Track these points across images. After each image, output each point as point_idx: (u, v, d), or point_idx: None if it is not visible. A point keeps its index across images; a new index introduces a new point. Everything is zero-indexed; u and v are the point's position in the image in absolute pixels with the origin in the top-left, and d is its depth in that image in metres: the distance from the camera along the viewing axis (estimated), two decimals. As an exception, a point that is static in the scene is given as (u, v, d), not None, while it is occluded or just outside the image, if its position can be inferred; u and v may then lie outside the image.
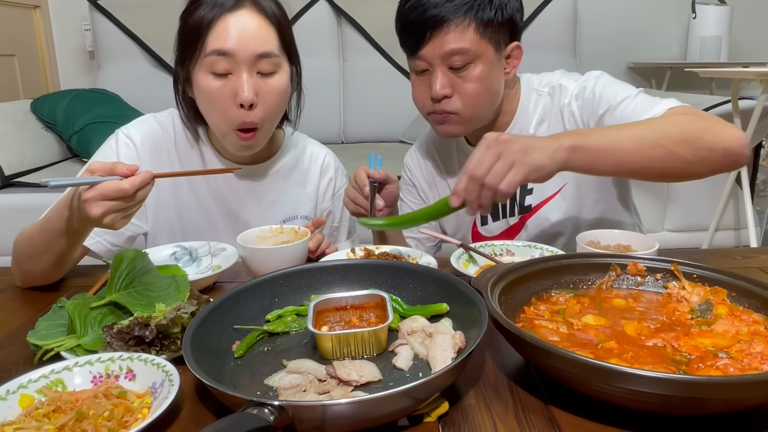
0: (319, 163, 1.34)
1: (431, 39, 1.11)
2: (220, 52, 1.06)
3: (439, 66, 1.13)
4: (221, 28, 1.06)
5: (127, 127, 1.23)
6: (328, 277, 0.89)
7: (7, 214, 2.40)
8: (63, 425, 0.61)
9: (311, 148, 1.35)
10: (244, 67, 1.07)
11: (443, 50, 1.11)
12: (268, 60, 1.08)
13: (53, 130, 2.93)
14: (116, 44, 3.27)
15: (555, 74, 1.27)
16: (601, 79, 1.18)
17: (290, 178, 1.31)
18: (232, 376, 0.71)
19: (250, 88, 1.07)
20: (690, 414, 0.61)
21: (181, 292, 0.86)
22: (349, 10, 3.30)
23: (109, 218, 0.85)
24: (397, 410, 0.61)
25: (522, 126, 1.25)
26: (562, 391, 0.66)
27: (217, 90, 1.08)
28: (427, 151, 1.39)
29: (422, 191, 1.40)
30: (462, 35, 1.10)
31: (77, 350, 0.77)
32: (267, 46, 1.08)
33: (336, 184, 1.36)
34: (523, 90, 1.26)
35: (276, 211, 1.28)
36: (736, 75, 2.44)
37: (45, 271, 1.03)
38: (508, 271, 0.82)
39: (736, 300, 0.80)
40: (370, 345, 0.73)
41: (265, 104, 1.10)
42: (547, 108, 1.24)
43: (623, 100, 1.12)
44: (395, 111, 3.27)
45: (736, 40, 3.62)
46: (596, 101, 1.16)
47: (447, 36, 1.10)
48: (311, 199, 1.33)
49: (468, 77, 1.13)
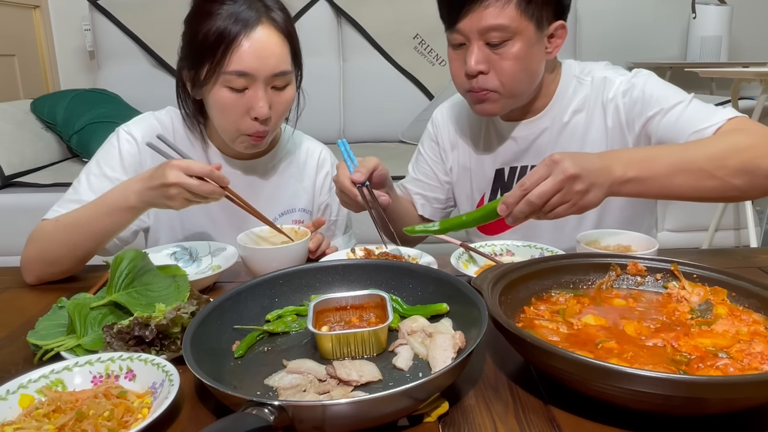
0: (316, 158, 1.37)
1: (469, 12, 1.07)
2: (241, 74, 1.08)
3: (476, 41, 1.09)
4: (243, 48, 1.08)
5: (128, 125, 1.25)
6: (328, 277, 0.89)
7: (7, 214, 2.40)
8: (63, 425, 0.61)
9: (307, 144, 1.38)
10: (261, 84, 1.10)
11: (481, 25, 1.07)
12: (282, 77, 1.12)
13: (53, 130, 2.93)
14: (116, 44, 3.27)
15: (599, 65, 1.25)
16: (651, 79, 1.16)
17: (287, 172, 1.33)
18: (232, 376, 0.71)
19: (266, 104, 1.11)
20: (690, 414, 0.61)
21: (181, 292, 0.86)
22: (349, 10, 3.30)
23: (175, 190, 0.96)
24: (397, 410, 0.61)
25: (557, 112, 1.22)
26: (562, 391, 0.66)
27: (233, 103, 1.11)
28: (457, 113, 1.37)
29: (443, 150, 1.38)
30: (502, 11, 1.06)
31: (77, 350, 0.77)
32: (283, 65, 1.12)
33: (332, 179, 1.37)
34: (564, 75, 1.23)
35: (274, 204, 1.30)
36: (736, 75, 2.45)
37: (77, 260, 1.08)
38: (508, 271, 0.82)
39: (736, 300, 0.80)
40: (370, 345, 0.73)
41: (276, 114, 1.15)
42: (587, 98, 1.21)
43: (675, 104, 1.09)
44: (395, 111, 3.28)
45: (736, 40, 3.62)
46: (646, 101, 1.13)
47: (486, 11, 1.06)
48: (308, 192, 1.35)
49: (505, 54, 1.09)
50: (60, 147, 2.98)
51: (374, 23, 3.31)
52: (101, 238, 1.08)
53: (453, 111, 1.38)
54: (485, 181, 1.32)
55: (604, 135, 1.19)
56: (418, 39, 3.30)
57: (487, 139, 1.31)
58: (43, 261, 1.07)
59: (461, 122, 1.36)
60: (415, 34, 3.30)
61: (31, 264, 1.08)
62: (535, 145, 1.25)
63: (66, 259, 1.08)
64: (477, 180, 1.34)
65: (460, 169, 1.36)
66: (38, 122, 2.92)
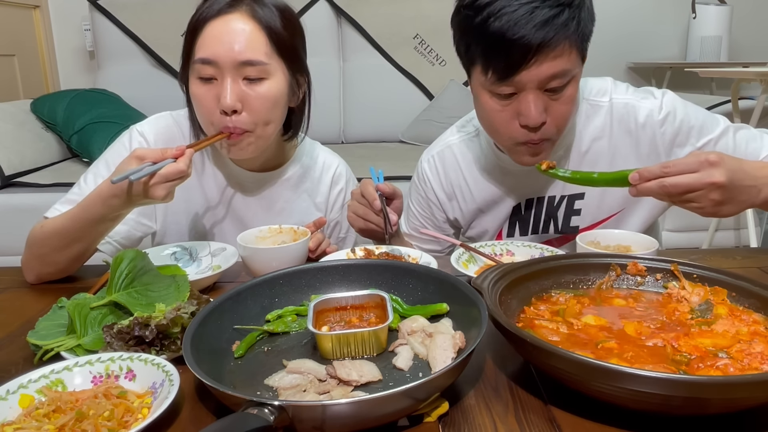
0: (331, 174, 1.33)
1: (534, 63, 0.95)
2: (204, 60, 1.06)
3: (533, 89, 0.98)
4: (206, 34, 1.07)
5: (142, 124, 1.23)
6: (328, 277, 0.89)
7: (7, 214, 2.40)
8: (63, 425, 0.61)
9: (324, 156, 1.34)
10: (228, 73, 1.06)
11: (546, 74, 0.97)
12: (253, 67, 1.07)
13: (53, 130, 2.93)
14: (116, 44, 3.27)
15: (606, 83, 1.19)
16: (683, 106, 1.14)
17: (301, 187, 1.30)
18: (232, 376, 0.71)
19: (230, 95, 1.06)
20: (690, 414, 0.61)
21: (181, 292, 0.86)
22: (349, 10, 3.30)
23: (171, 195, 0.97)
24: (397, 410, 0.61)
25: (571, 141, 1.17)
26: (562, 391, 0.66)
27: (203, 95, 1.09)
28: (450, 163, 1.27)
29: (435, 205, 1.30)
30: (568, 57, 0.97)
31: (77, 350, 0.77)
32: (251, 53, 1.06)
33: (346, 195, 1.34)
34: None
35: (284, 220, 1.25)
36: (736, 75, 2.45)
37: (71, 261, 1.07)
38: (508, 271, 0.82)
39: (736, 300, 0.80)
40: (370, 345, 0.73)
41: (251, 110, 1.09)
42: (607, 125, 1.15)
43: (722, 133, 1.12)
44: (395, 111, 3.28)
45: (736, 40, 3.62)
46: (689, 131, 1.13)
47: (554, 61, 0.96)
48: (320, 209, 1.32)
49: (562, 98, 1.01)
50: (60, 147, 2.98)
51: (374, 23, 3.32)
52: (91, 243, 1.07)
53: (443, 162, 1.27)
54: (502, 218, 1.26)
55: (636, 160, 1.15)
56: (418, 39, 3.30)
57: (497, 180, 1.23)
58: (40, 262, 1.07)
59: (456, 172, 1.26)
60: (415, 34, 3.30)
61: (30, 264, 1.08)
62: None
63: (61, 260, 1.06)
64: (492, 219, 1.27)
65: (468, 214, 1.28)
66: (38, 122, 2.92)
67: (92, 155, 2.70)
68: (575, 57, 0.99)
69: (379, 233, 1.12)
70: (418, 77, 3.31)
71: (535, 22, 0.93)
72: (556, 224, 1.23)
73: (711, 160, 0.85)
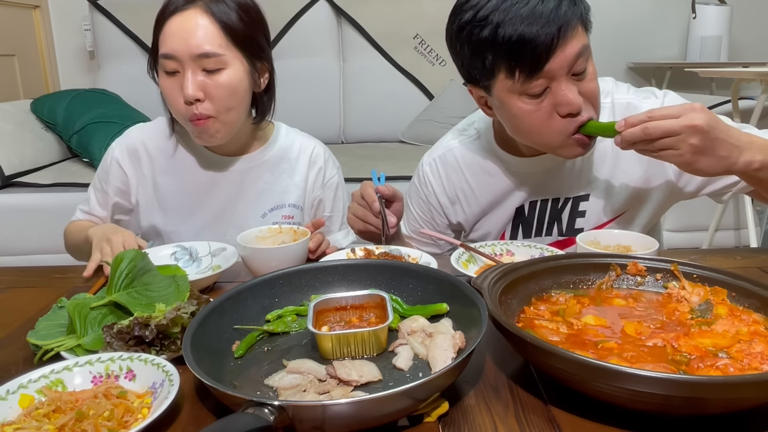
0: (308, 154, 1.37)
1: (560, 47, 0.94)
2: (165, 56, 1.14)
3: (563, 76, 0.97)
4: (166, 31, 1.15)
5: (118, 143, 1.33)
6: (328, 277, 0.89)
7: (7, 214, 2.40)
8: (63, 425, 0.61)
9: (300, 140, 1.39)
10: (188, 66, 1.14)
11: (572, 54, 0.95)
12: (209, 59, 1.14)
13: (53, 130, 2.93)
14: (116, 44, 3.28)
15: (607, 83, 1.18)
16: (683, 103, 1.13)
17: (278, 168, 1.35)
18: (232, 376, 0.71)
19: (191, 86, 1.13)
20: (690, 414, 0.61)
21: (181, 292, 0.86)
22: (349, 10, 3.30)
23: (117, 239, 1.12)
24: (397, 410, 0.61)
25: None
26: (562, 391, 0.66)
27: (169, 87, 1.17)
28: (452, 167, 1.26)
29: (436, 210, 1.29)
30: (582, 32, 0.97)
31: (77, 350, 0.77)
32: (206, 46, 1.13)
33: (326, 174, 1.39)
34: None
35: (264, 200, 1.33)
36: (736, 75, 2.45)
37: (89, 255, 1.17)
38: (508, 271, 0.82)
39: (736, 300, 0.80)
40: (370, 345, 0.73)
41: (212, 98, 1.16)
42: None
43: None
44: (395, 111, 3.28)
45: (736, 40, 3.62)
46: None
47: (575, 40, 0.95)
48: (299, 188, 1.36)
49: (587, 77, 1.00)
50: (60, 147, 2.98)
51: (374, 23, 3.32)
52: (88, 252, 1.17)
53: (445, 165, 1.26)
54: (505, 221, 1.25)
55: (638, 160, 1.14)
56: (418, 39, 3.30)
57: (501, 181, 1.22)
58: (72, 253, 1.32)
59: (458, 174, 1.25)
60: (415, 34, 3.30)
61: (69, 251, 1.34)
62: (558, 176, 1.19)
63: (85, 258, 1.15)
64: (495, 221, 1.26)
65: (472, 217, 1.27)
66: (38, 122, 2.92)
67: (92, 155, 2.70)
68: (584, 31, 1.00)
69: (378, 235, 1.13)
70: (418, 77, 3.31)
71: (548, 11, 0.93)
72: (560, 227, 1.22)
73: (695, 106, 0.88)
